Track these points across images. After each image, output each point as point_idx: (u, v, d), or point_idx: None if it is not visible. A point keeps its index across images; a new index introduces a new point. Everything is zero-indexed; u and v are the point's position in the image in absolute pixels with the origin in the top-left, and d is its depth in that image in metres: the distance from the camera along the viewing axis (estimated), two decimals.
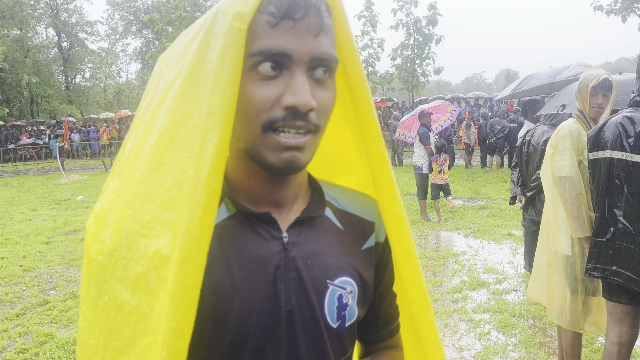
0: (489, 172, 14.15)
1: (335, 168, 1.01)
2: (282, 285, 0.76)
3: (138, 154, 0.72)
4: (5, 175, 19.71)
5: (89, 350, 0.68)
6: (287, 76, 0.68)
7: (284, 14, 0.66)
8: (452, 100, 26.88)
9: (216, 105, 0.64)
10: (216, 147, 0.64)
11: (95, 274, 0.70)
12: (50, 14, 36.81)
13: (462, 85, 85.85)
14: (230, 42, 0.64)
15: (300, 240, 0.79)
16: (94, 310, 0.69)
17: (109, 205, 0.72)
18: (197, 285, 0.63)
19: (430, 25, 24.78)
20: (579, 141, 2.92)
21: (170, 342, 0.61)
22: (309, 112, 0.68)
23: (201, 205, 0.63)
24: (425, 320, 0.84)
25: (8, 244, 7.37)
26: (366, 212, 0.90)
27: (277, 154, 0.69)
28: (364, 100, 0.78)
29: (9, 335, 4.18)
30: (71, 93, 38.50)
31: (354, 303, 0.83)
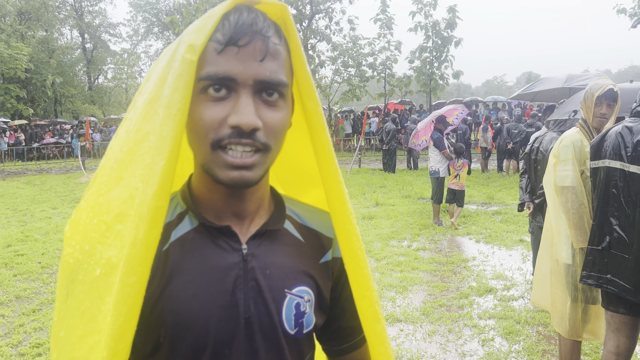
0: (506, 176, 14.04)
1: (303, 181, 1.07)
2: (241, 293, 0.81)
3: (106, 168, 0.79)
4: (28, 173, 20.20)
5: (59, 342, 0.75)
6: (234, 98, 0.74)
7: (228, 41, 0.73)
8: (470, 103, 26.70)
9: (166, 129, 0.70)
10: (163, 168, 0.70)
11: (66, 274, 0.77)
12: (75, 15, 37.57)
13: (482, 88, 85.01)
14: (183, 71, 0.71)
15: (259, 252, 0.84)
16: (64, 307, 0.76)
17: (81, 213, 0.79)
18: (139, 293, 0.69)
19: (449, 28, 24.66)
20: (582, 151, 2.93)
21: (112, 344, 0.67)
22: (255, 132, 0.73)
23: (146, 221, 0.68)
24: (374, 333, 0.87)
25: (28, 241, 7.59)
26: (326, 228, 0.95)
27: (225, 172, 0.75)
28: (317, 123, 0.84)
29: (24, 330, 4.33)
30: (94, 93, 39.27)
31: (311, 311, 0.87)
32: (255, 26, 0.74)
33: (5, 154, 25.27)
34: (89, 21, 38.86)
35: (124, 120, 0.83)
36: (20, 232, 8.16)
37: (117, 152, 0.77)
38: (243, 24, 0.73)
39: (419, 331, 4.17)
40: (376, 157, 21.89)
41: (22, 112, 30.14)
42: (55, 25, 36.10)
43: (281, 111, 0.78)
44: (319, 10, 25.75)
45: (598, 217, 2.56)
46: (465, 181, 8.04)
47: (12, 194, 13.30)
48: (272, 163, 0.80)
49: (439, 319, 4.38)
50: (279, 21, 0.80)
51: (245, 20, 0.73)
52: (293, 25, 0.81)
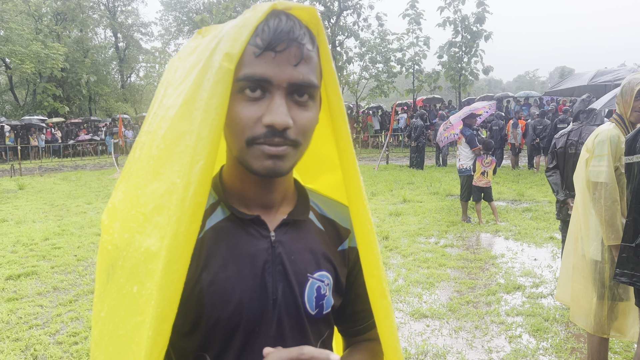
0: (537, 173, 13.79)
1: (319, 166, 1.16)
2: (270, 277, 0.89)
3: (142, 162, 0.84)
4: (64, 169, 20.84)
5: (100, 321, 0.83)
6: (269, 99, 0.80)
7: (267, 46, 0.78)
8: (501, 98, 26.24)
9: (205, 131, 0.76)
10: (203, 167, 0.75)
11: (105, 259, 0.84)
12: (108, 15, 38.45)
13: (514, 83, 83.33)
14: (220, 79, 0.76)
15: (285, 239, 0.92)
16: (104, 289, 0.83)
17: (119, 204, 0.85)
18: (180, 280, 0.75)
19: (478, 22, 24.29)
20: (618, 147, 2.87)
21: (156, 324, 0.74)
22: (286, 130, 0.80)
23: (188, 215, 0.75)
24: (381, 308, 0.94)
25: (65, 234, 7.86)
26: (342, 219, 1.03)
27: (260, 162, 0.81)
28: (339, 116, 0.91)
29: (62, 319, 4.51)
30: (126, 91, 40.16)
31: (330, 294, 0.96)
32: (292, 34, 0.79)
33: (43, 150, 26.11)
34: (122, 21, 39.72)
35: (152, 115, 0.88)
36: (57, 226, 8.46)
37: (153, 149, 0.82)
38: (282, 31, 0.79)
39: (445, 327, 4.17)
40: (404, 154, 21.76)
41: (58, 110, 31.07)
42: (89, 25, 37.02)
43: (311, 111, 0.84)
44: (347, 7, 25.70)
45: (632, 213, 2.51)
46: (491, 178, 7.95)
47: (50, 190, 13.76)
48: (301, 157, 0.86)
49: (465, 315, 4.37)
50: (309, 24, 0.85)
51: (284, 28, 0.79)
52: (322, 27, 0.87)
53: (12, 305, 4.84)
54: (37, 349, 3.92)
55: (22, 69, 27.82)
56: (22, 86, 34.76)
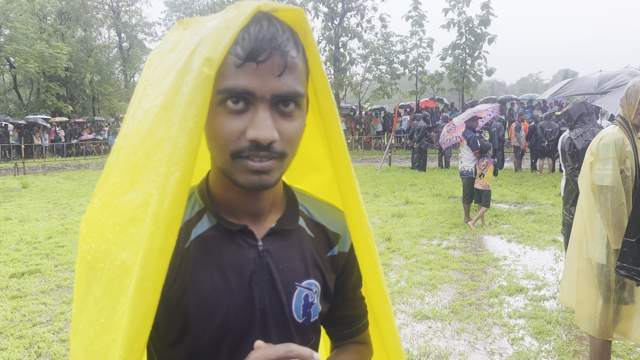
0: (539, 176, 13.77)
1: (306, 167, 1.13)
2: (257, 287, 0.87)
3: (119, 169, 0.79)
4: (68, 168, 20.90)
5: (78, 334, 0.79)
6: (252, 111, 0.75)
7: (248, 56, 0.73)
8: (504, 101, 26.22)
9: (182, 141, 0.71)
10: (179, 179, 0.71)
11: (84, 270, 0.80)
12: (112, 15, 38.59)
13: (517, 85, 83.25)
14: (199, 85, 0.71)
15: (273, 248, 0.90)
16: (83, 301, 0.79)
17: (96, 212, 0.80)
18: (154, 296, 0.72)
19: (482, 25, 24.28)
20: (623, 150, 2.87)
21: (128, 344, 0.70)
22: (271, 144, 0.76)
23: (162, 230, 0.71)
24: (382, 312, 0.94)
25: (68, 233, 7.89)
26: (333, 224, 1.00)
27: (245, 176, 0.78)
28: (332, 121, 0.88)
29: (65, 317, 4.53)
30: (129, 91, 40.22)
31: (317, 301, 0.94)
32: (275, 41, 0.75)
33: (46, 149, 26.18)
34: (126, 21, 39.86)
35: (131, 118, 0.82)
36: (61, 225, 8.49)
37: (131, 156, 0.78)
38: (263, 38, 0.74)
39: (447, 329, 4.18)
40: (406, 155, 21.76)
41: (62, 110, 31.16)
42: (93, 25, 37.16)
43: (297, 120, 0.80)
44: (350, 8, 25.72)
45: (636, 210, 2.54)
46: (490, 181, 7.79)
47: (53, 188, 13.81)
48: (288, 167, 0.83)
49: (467, 317, 4.37)
50: (295, 26, 0.81)
51: (265, 35, 0.74)
52: (309, 28, 0.83)
53: (16, 303, 4.86)
54: (40, 346, 3.94)
55: (26, 68, 27.92)
56: (26, 85, 34.88)
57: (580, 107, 4.52)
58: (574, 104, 4.63)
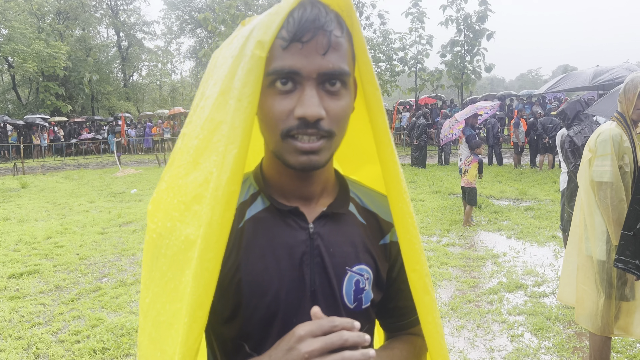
0: (539, 172, 13.76)
1: (360, 157, 1.15)
2: (308, 269, 0.89)
3: (183, 153, 0.86)
4: (67, 168, 20.89)
5: (145, 307, 0.85)
6: (300, 90, 0.79)
7: (293, 37, 0.77)
8: (503, 97, 26.18)
9: (237, 120, 0.77)
10: (235, 156, 0.76)
11: (151, 248, 0.86)
12: (111, 14, 38.51)
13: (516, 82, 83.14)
14: (252, 67, 0.76)
15: (324, 232, 0.91)
16: (150, 276, 0.85)
17: (162, 193, 0.87)
18: (215, 268, 0.76)
19: (480, 21, 24.23)
20: (621, 146, 2.85)
21: (192, 312, 0.75)
22: (319, 121, 0.79)
23: (221, 204, 0.75)
24: (423, 304, 0.93)
25: (67, 233, 7.88)
26: (384, 212, 1.01)
27: (295, 157, 0.81)
28: (376, 106, 0.89)
29: (64, 318, 4.52)
30: (128, 90, 40.20)
31: (369, 288, 0.95)
32: (318, 22, 0.78)
33: (46, 149, 26.17)
34: (124, 19, 39.77)
35: (194, 107, 0.90)
36: (60, 225, 8.48)
37: (193, 139, 0.84)
38: (306, 20, 0.77)
39: (447, 326, 4.17)
40: (406, 153, 21.73)
41: (61, 109, 31.14)
42: (92, 24, 37.09)
43: (344, 99, 0.82)
44: None
45: (633, 204, 2.54)
46: (474, 179, 7.65)
47: (52, 188, 13.80)
48: (338, 147, 0.85)
49: (467, 314, 4.36)
50: (342, 12, 0.83)
51: (309, 17, 0.78)
52: (356, 14, 0.85)
53: (15, 303, 4.85)
54: (39, 347, 3.93)
55: (24, 68, 27.89)
56: (24, 85, 34.83)
57: (576, 105, 4.52)
58: (569, 102, 4.62)
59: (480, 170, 7.61)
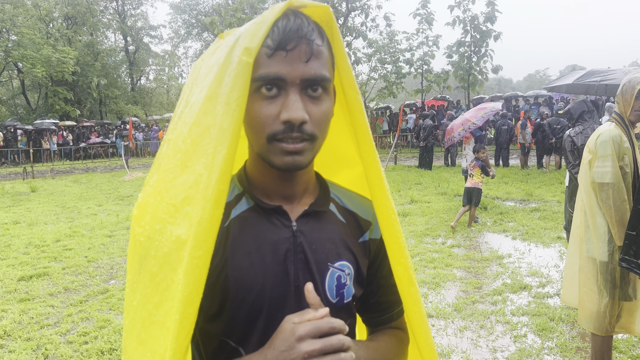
0: (546, 173, 13.71)
1: (338, 162, 1.20)
2: (292, 265, 0.93)
3: (170, 157, 0.89)
4: (76, 172, 21.06)
5: (132, 309, 0.86)
6: (284, 95, 0.84)
7: (277, 46, 0.83)
8: (510, 98, 26.09)
9: (226, 123, 0.80)
10: (224, 157, 0.80)
11: (138, 250, 0.88)
12: (118, 19, 38.80)
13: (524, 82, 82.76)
14: (240, 72, 0.81)
15: (306, 229, 0.96)
16: (137, 279, 0.87)
17: (148, 197, 0.89)
18: (205, 265, 0.79)
19: (488, 22, 24.18)
20: (621, 147, 2.86)
21: (182, 308, 0.78)
22: (302, 125, 0.83)
23: (211, 202, 0.79)
24: (409, 295, 0.97)
25: (76, 236, 7.97)
26: (364, 212, 1.06)
27: (280, 158, 0.86)
28: (357, 110, 0.95)
29: (72, 319, 4.59)
30: (136, 94, 40.48)
31: (350, 284, 0.99)
32: (301, 31, 0.83)
33: (55, 153, 26.41)
34: (132, 24, 40.05)
35: (178, 114, 0.93)
36: (69, 228, 8.58)
37: (180, 144, 0.87)
38: (290, 30, 0.83)
39: (450, 327, 4.19)
40: (412, 154, 21.73)
41: (69, 114, 31.40)
42: (99, 29, 37.39)
43: (325, 104, 0.88)
44: (354, 8, 25.70)
45: (635, 203, 2.56)
46: (480, 179, 7.68)
47: (61, 192, 13.94)
48: (319, 149, 0.90)
49: (470, 315, 4.38)
50: (322, 22, 0.89)
51: (292, 27, 0.83)
52: (335, 24, 0.91)
53: (24, 305, 4.93)
54: (48, 348, 4.00)
55: (33, 73, 28.20)
56: (34, 90, 35.20)
57: (581, 105, 4.53)
58: (575, 102, 4.64)
59: (484, 172, 7.62)
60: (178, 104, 0.97)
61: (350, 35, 26.26)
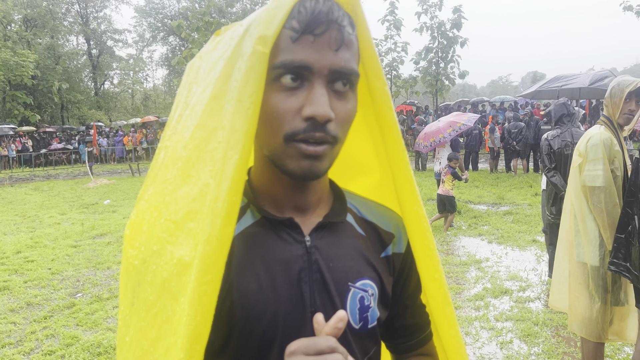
0: (514, 176, 13.94)
1: (352, 170, 1.05)
2: (307, 286, 0.79)
3: (169, 166, 0.76)
4: (36, 179, 20.28)
5: (125, 346, 0.74)
6: (308, 88, 0.71)
7: (305, 29, 0.70)
8: (477, 103, 26.59)
9: (238, 123, 0.68)
10: (237, 162, 0.67)
11: (131, 276, 0.75)
12: (81, 22, 37.76)
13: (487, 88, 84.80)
14: (254, 64, 0.68)
15: (322, 244, 0.82)
16: (130, 311, 0.74)
17: (143, 214, 0.77)
18: (214, 292, 0.66)
19: (454, 28, 24.60)
20: (611, 150, 2.83)
21: (188, 345, 0.64)
22: (327, 123, 0.71)
23: (221, 217, 0.66)
24: (444, 316, 0.85)
25: (38, 247, 7.58)
26: (385, 223, 0.92)
27: (297, 162, 0.73)
28: (384, 103, 0.82)
29: (36, 337, 4.29)
30: (100, 99, 39.42)
31: (375, 305, 0.85)
32: (332, 15, 0.71)
33: (13, 160, 25.40)
34: (95, 27, 39.04)
35: (176, 118, 0.81)
36: (30, 239, 8.16)
37: (181, 151, 0.75)
38: (320, 12, 0.71)
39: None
40: None
41: (29, 119, 30.31)
42: (61, 32, 36.30)
43: (350, 102, 0.76)
44: None
45: (624, 207, 2.53)
46: (451, 186, 7.71)
47: (21, 200, 13.34)
48: (337, 155, 0.78)
49: None
50: (347, 6, 0.77)
51: (322, 9, 0.71)
52: (362, 11, 0.79)
53: None
54: None
55: None
56: None
57: (561, 108, 4.54)
58: (555, 104, 4.64)
59: (457, 177, 7.66)
60: (174, 108, 0.84)
61: None
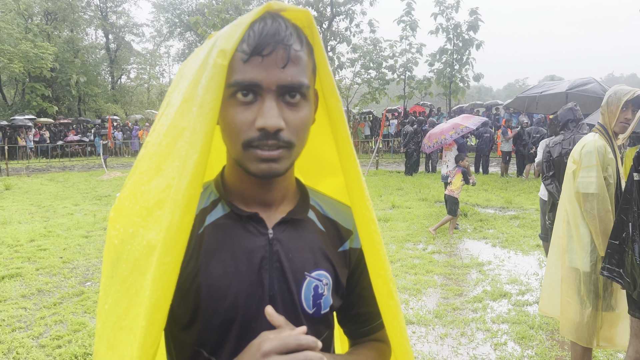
0: (525, 181, 13.89)
1: (322, 169, 1.17)
2: (267, 273, 0.90)
3: (146, 160, 0.87)
4: (52, 170, 20.64)
5: (104, 313, 0.85)
6: (260, 102, 0.82)
7: (253, 51, 0.80)
8: (490, 106, 26.42)
9: (199, 126, 0.78)
10: (196, 161, 0.78)
11: (112, 254, 0.86)
12: (100, 16, 38.21)
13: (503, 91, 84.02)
14: (214, 74, 0.78)
15: (284, 237, 0.93)
16: (110, 283, 0.85)
17: (124, 200, 0.88)
18: (174, 271, 0.77)
19: (471, 30, 24.46)
20: (605, 158, 2.88)
21: (149, 315, 0.75)
22: (279, 132, 0.81)
23: (181, 207, 0.77)
24: (388, 309, 0.94)
25: (51, 236, 7.78)
26: (345, 220, 1.03)
27: (256, 165, 0.83)
28: (338, 118, 0.92)
29: (45, 322, 4.46)
30: (116, 93, 39.86)
31: (329, 294, 0.96)
32: (278, 36, 0.80)
33: (31, 151, 25.84)
34: (113, 21, 39.48)
35: (159, 116, 0.92)
36: (43, 228, 8.37)
37: (156, 146, 0.86)
38: (267, 34, 0.80)
39: (431, 334, 4.18)
40: (394, 160, 21.85)
41: (47, 110, 30.77)
42: (80, 26, 36.76)
43: (303, 110, 0.85)
44: (339, 12, 25.76)
45: (618, 213, 2.57)
46: (458, 188, 7.64)
47: (37, 190, 13.62)
48: (298, 157, 0.88)
49: (451, 322, 4.38)
50: (303, 26, 0.87)
51: (269, 31, 0.80)
52: (316, 29, 0.89)
53: None
54: (19, 352, 3.87)
55: (10, 68, 27.52)
56: (10, 85, 34.43)
57: (568, 114, 4.54)
58: (562, 108, 4.64)
59: (465, 179, 7.64)
60: (162, 105, 0.95)
61: (335, 40, 26.30)
